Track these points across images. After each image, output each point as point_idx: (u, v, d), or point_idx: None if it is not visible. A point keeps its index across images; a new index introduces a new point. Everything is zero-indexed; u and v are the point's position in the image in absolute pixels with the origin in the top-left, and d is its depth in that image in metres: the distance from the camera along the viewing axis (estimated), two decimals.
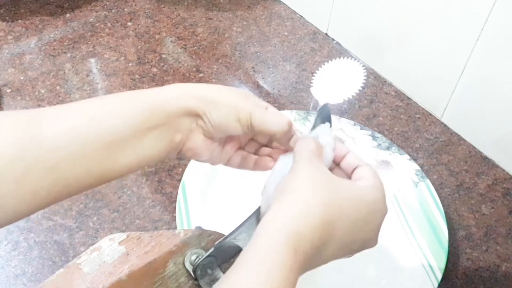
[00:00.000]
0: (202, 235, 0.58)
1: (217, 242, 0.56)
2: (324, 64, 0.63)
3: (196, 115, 0.52)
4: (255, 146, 0.59)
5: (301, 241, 0.45)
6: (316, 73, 0.62)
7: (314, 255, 0.46)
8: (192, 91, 0.53)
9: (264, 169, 0.57)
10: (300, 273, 0.45)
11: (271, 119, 0.53)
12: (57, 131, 0.48)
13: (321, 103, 0.58)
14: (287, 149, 0.56)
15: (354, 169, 0.54)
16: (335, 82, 0.62)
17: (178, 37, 1.08)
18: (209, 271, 0.56)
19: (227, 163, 0.58)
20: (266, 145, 0.59)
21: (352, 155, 0.54)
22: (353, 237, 0.49)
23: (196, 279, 0.56)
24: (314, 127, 0.57)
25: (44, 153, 0.46)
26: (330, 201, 0.47)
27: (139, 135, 0.50)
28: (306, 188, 0.48)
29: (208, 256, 0.55)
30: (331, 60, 0.63)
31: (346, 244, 0.49)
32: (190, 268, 0.56)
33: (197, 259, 0.56)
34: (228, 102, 0.52)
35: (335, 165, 0.55)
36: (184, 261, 0.56)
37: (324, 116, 0.57)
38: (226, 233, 0.56)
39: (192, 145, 0.54)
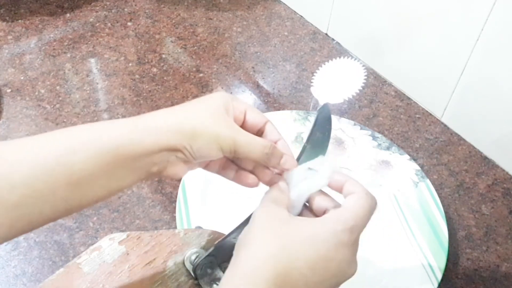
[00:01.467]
0: (202, 235, 0.58)
1: (217, 241, 0.56)
2: (324, 64, 0.63)
3: (175, 150, 0.50)
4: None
5: None
6: (316, 73, 0.62)
7: None
8: (169, 124, 0.50)
9: (246, 186, 0.56)
10: None
11: (253, 145, 0.52)
12: (20, 168, 0.46)
13: (321, 103, 0.58)
14: (279, 170, 0.55)
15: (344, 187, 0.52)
16: (335, 82, 0.62)
17: (178, 37, 1.08)
18: (209, 271, 0.56)
19: (205, 168, 0.56)
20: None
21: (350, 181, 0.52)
22: (317, 278, 0.47)
23: (196, 278, 0.56)
24: (313, 128, 0.57)
25: (6, 190, 0.45)
26: (280, 252, 0.46)
27: (110, 173, 0.48)
28: (256, 243, 0.47)
29: (208, 255, 0.55)
30: (331, 60, 0.63)
31: (314, 285, 0.47)
32: (190, 268, 0.56)
33: (197, 258, 0.56)
34: (209, 133, 0.50)
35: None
36: (184, 260, 0.57)
37: (324, 116, 0.57)
38: (226, 233, 0.56)
39: (171, 172, 0.52)
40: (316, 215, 0.52)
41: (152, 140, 0.49)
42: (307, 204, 0.53)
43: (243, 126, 0.55)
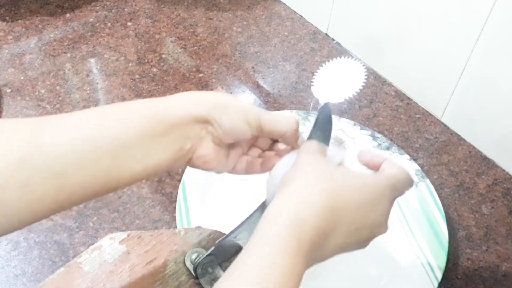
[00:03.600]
0: (202, 234, 0.58)
1: (218, 241, 0.56)
2: (324, 64, 0.63)
3: (206, 122, 0.52)
4: (257, 151, 0.58)
5: (304, 228, 0.45)
6: (316, 72, 0.62)
7: (320, 243, 0.46)
8: (200, 97, 0.53)
9: (269, 170, 0.57)
10: (308, 263, 0.45)
11: (280, 119, 0.54)
12: (62, 138, 0.47)
13: (321, 103, 0.58)
14: (294, 149, 0.56)
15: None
16: (335, 82, 0.62)
17: (178, 37, 1.08)
18: (209, 270, 0.56)
19: (233, 170, 0.58)
20: (268, 149, 0.59)
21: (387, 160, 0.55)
22: (359, 223, 0.49)
23: (196, 278, 0.56)
24: (313, 127, 0.57)
25: (49, 159, 0.46)
26: (332, 189, 0.48)
27: (146, 143, 0.50)
28: (309, 178, 0.49)
29: (209, 255, 0.55)
30: (331, 60, 0.63)
31: (352, 231, 0.49)
32: (190, 267, 0.56)
33: (198, 258, 0.56)
34: (236, 106, 0.52)
35: None
36: (184, 260, 0.57)
37: (325, 115, 0.57)
38: (227, 232, 0.56)
39: (202, 153, 0.53)
40: None
41: (184, 111, 0.51)
42: None
43: None
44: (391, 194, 0.51)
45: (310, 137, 0.56)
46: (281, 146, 0.58)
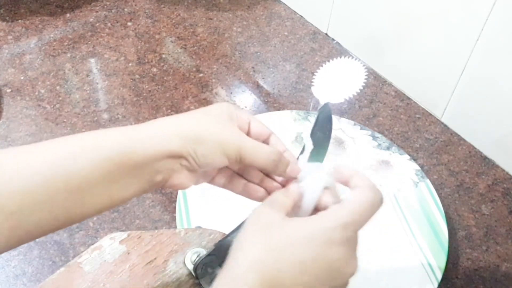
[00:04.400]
0: (202, 234, 0.58)
1: (218, 241, 0.56)
2: (324, 64, 0.63)
3: (180, 157, 0.49)
4: (239, 167, 0.56)
5: None
6: (316, 72, 0.62)
7: None
8: (173, 130, 0.49)
9: (255, 200, 0.54)
10: None
11: (259, 153, 0.51)
12: (19, 175, 0.45)
13: (322, 103, 0.58)
14: (286, 180, 0.54)
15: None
16: (336, 82, 0.62)
17: (178, 37, 1.08)
18: (209, 270, 0.56)
19: (211, 182, 0.55)
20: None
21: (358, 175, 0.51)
22: (312, 277, 0.45)
23: (196, 278, 0.56)
24: (314, 127, 0.57)
25: (4, 198, 0.44)
26: (267, 255, 0.45)
27: (111, 180, 0.47)
28: (244, 247, 0.46)
29: (209, 255, 0.55)
30: (332, 60, 0.63)
31: (305, 286, 0.45)
32: (190, 267, 0.56)
33: (198, 258, 0.56)
34: (214, 139, 0.49)
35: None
36: (184, 260, 0.57)
37: (325, 115, 0.57)
38: (227, 232, 0.56)
39: (175, 182, 0.50)
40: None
41: (155, 146, 0.48)
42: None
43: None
44: (343, 234, 0.46)
45: (310, 137, 0.55)
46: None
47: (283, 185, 0.54)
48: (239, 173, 0.56)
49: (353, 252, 0.48)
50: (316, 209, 0.51)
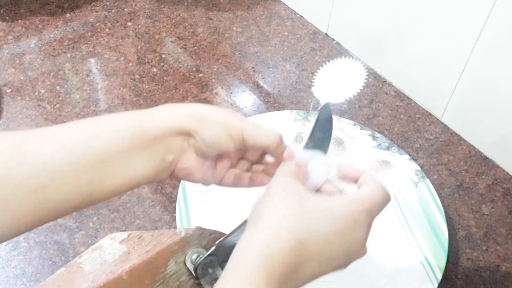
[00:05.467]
0: (203, 234, 0.58)
1: (218, 241, 0.56)
2: (325, 64, 0.63)
3: (188, 134, 0.52)
4: (246, 165, 0.58)
5: (271, 264, 0.45)
6: (317, 72, 0.62)
7: (290, 277, 0.46)
8: (183, 110, 0.52)
9: (260, 185, 0.57)
10: None
11: (262, 133, 0.53)
12: (44, 152, 0.47)
13: (322, 103, 0.58)
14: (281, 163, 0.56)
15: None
16: (336, 82, 0.62)
17: (178, 37, 1.08)
18: (210, 270, 0.56)
19: (220, 182, 0.57)
20: (257, 162, 0.58)
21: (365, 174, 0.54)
22: (331, 253, 0.48)
23: (197, 278, 0.56)
24: (314, 127, 0.57)
25: (30, 174, 0.46)
26: (299, 221, 0.47)
27: (128, 155, 0.49)
28: (274, 211, 0.48)
29: (209, 255, 0.55)
30: (332, 60, 0.63)
31: (325, 261, 0.48)
32: (191, 267, 0.56)
33: (198, 258, 0.56)
34: (219, 119, 0.52)
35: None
36: (185, 260, 0.57)
37: (325, 116, 0.57)
38: (227, 232, 0.56)
39: (184, 165, 0.53)
40: None
41: (165, 123, 0.51)
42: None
43: None
44: (367, 219, 0.50)
45: (309, 138, 0.56)
46: (269, 159, 0.57)
47: None
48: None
49: (367, 239, 0.51)
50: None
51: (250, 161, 0.58)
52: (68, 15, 1.10)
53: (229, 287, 0.44)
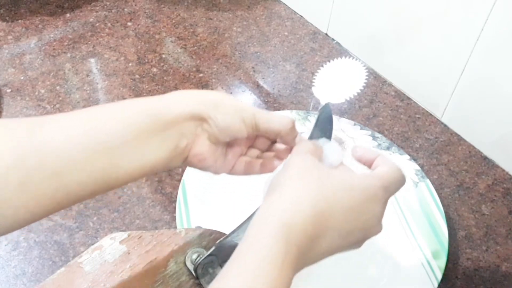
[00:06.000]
0: (203, 234, 0.58)
1: (218, 241, 0.56)
2: (325, 64, 0.63)
3: (201, 119, 0.52)
4: (256, 153, 0.58)
5: (292, 233, 0.45)
6: (317, 72, 0.62)
7: (309, 247, 0.46)
8: (196, 95, 0.53)
9: (272, 171, 0.57)
10: (297, 267, 0.45)
11: (274, 118, 0.54)
12: (59, 137, 0.47)
13: (322, 103, 0.58)
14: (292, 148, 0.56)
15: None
16: (336, 82, 0.62)
17: (178, 37, 1.08)
18: (210, 270, 0.56)
19: (232, 170, 0.58)
20: (267, 150, 0.58)
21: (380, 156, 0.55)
22: (350, 227, 0.48)
23: (197, 278, 0.56)
24: (314, 127, 0.57)
25: (46, 158, 0.46)
26: (320, 193, 0.47)
27: (142, 140, 0.50)
28: (295, 182, 0.48)
29: (209, 255, 0.55)
30: (332, 60, 0.63)
31: (343, 234, 0.48)
32: (191, 267, 0.56)
33: (198, 258, 0.56)
34: (232, 104, 0.53)
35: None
36: (185, 260, 0.57)
37: (326, 116, 0.57)
38: (227, 232, 0.56)
39: (198, 151, 0.53)
40: None
41: (179, 108, 0.51)
42: None
43: None
44: (384, 195, 0.51)
45: (310, 138, 0.56)
46: (280, 146, 0.57)
47: None
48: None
49: (383, 216, 0.51)
50: None
51: (260, 149, 0.58)
52: (68, 15, 1.10)
53: (248, 255, 0.44)
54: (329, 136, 0.57)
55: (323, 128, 0.56)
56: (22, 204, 0.46)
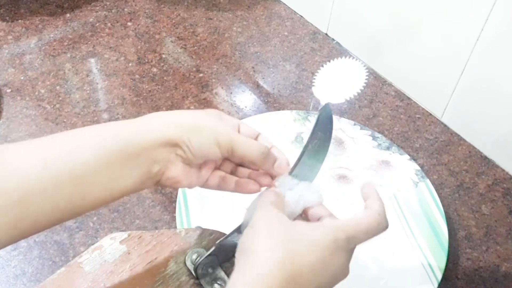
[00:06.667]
0: (203, 234, 0.58)
1: (218, 241, 0.56)
2: (325, 64, 0.63)
3: (175, 145, 0.51)
4: (230, 166, 0.57)
5: None
6: (317, 73, 0.62)
7: None
8: (170, 119, 0.52)
9: (249, 193, 0.56)
10: None
11: (250, 147, 0.53)
12: (24, 165, 0.46)
13: (322, 103, 0.58)
14: (270, 173, 0.56)
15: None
16: (336, 82, 0.61)
17: (178, 37, 1.08)
18: (210, 270, 0.56)
19: (205, 184, 0.57)
20: (241, 165, 0.58)
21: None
22: (319, 279, 0.48)
23: (197, 278, 0.56)
24: (314, 128, 0.57)
25: (10, 187, 0.45)
26: (286, 256, 0.47)
27: (112, 168, 0.49)
28: (261, 248, 0.47)
29: (209, 255, 0.55)
30: (332, 60, 0.63)
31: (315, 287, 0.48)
32: (191, 267, 0.56)
33: (198, 258, 0.56)
34: (207, 127, 0.52)
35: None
36: (185, 260, 0.57)
37: (326, 116, 0.57)
38: (227, 232, 0.56)
39: (171, 174, 0.52)
40: (309, 221, 0.54)
41: (152, 134, 0.50)
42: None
43: None
44: (347, 246, 0.50)
45: (310, 138, 0.55)
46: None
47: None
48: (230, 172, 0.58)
49: (349, 262, 0.51)
50: (303, 216, 0.55)
51: (234, 163, 0.57)
52: (68, 15, 1.10)
53: None
54: (329, 137, 0.56)
55: (323, 129, 0.56)
56: None
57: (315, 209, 0.54)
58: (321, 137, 0.55)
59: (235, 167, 0.57)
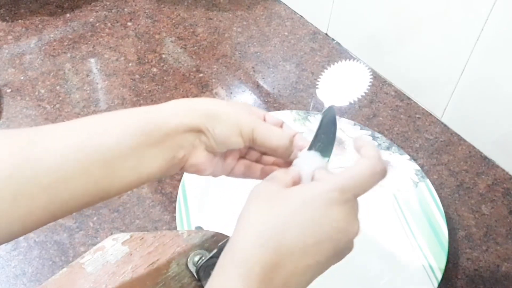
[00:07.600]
0: (205, 236, 0.58)
1: (220, 243, 0.56)
2: (327, 65, 0.63)
3: (199, 131, 0.52)
4: (255, 155, 0.58)
5: (249, 266, 0.44)
6: (320, 74, 0.62)
7: (274, 275, 0.45)
8: (195, 106, 0.52)
9: None
10: None
11: (273, 135, 0.53)
12: (53, 150, 0.47)
13: (326, 106, 0.58)
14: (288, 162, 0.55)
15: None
16: (340, 85, 0.62)
17: (178, 37, 1.08)
18: (212, 272, 0.56)
19: (231, 173, 0.57)
20: (266, 153, 0.58)
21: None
22: (312, 240, 0.46)
23: (199, 280, 0.56)
24: (318, 130, 0.56)
25: (40, 171, 0.46)
26: (273, 219, 0.46)
27: (138, 152, 0.49)
28: (249, 215, 0.47)
29: (212, 257, 0.55)
30: (332, 61, 0.63)
31: (310, 251, 0.46)
32: (193, 269, 0.56)
33: (201, 260, 0.56)
34: (230, 117, 0.52)
35: None
36: (187, 262, 0.57)
37: (330, 118, 0.57)
38: (229, 234, 0.56)
39: (195, 161, 0.53)
40: None
41: (177, 120, 0.51)
42: None
43: None
44: (342, 195, 0.47)
45: (313, 141, 0.55)
46: None
47: None
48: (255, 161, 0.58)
49: (354, 214, 0.48)
50: None
51: (259, 152, 0.58)
52: (68, 15, 1.10)
53: None
54: (332, 139, 0.56)
55: (327, 131, 0.56)
56: (15, 217, 0.46)
57: (317, 174, 0.52)
58: (324, 140, 0.55)
59: (260, 156, 0.58)
